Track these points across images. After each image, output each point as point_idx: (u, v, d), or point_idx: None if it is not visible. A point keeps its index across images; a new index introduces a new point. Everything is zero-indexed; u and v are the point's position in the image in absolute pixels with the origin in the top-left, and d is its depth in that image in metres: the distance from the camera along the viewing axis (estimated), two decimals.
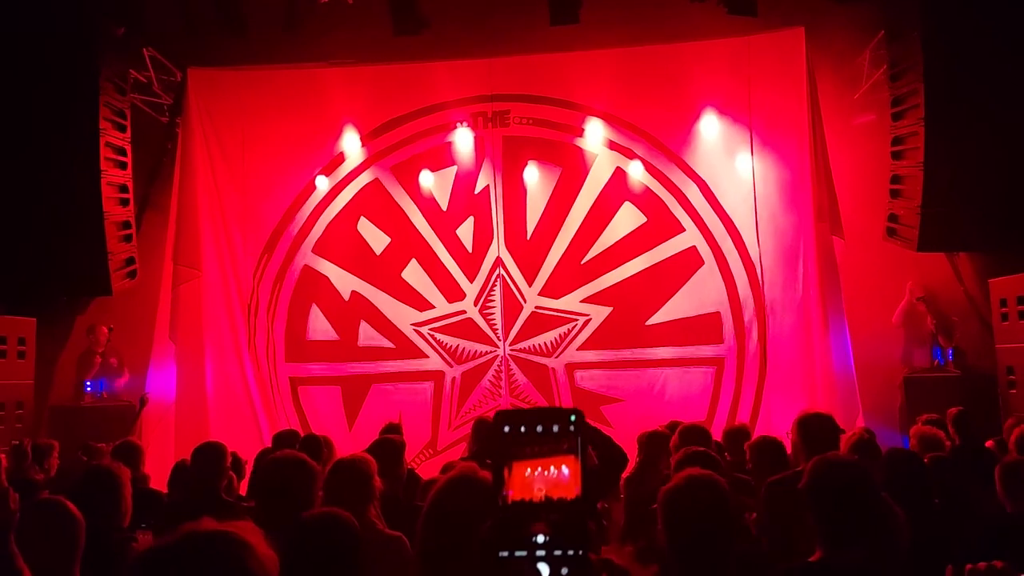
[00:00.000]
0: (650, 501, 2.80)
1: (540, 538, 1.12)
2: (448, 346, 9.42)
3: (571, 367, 9.28)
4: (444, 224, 9.51)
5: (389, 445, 4.78)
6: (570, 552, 1.11)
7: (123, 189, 8.36)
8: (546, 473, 1.14)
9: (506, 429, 1.16)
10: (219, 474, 4.59)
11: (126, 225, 8.40)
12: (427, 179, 9.48)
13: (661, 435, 5.29)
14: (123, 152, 8.35)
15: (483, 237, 9.44)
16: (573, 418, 1.17)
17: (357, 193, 9.61)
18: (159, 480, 6.00)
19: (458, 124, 9.45)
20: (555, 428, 1.16)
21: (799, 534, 3.31)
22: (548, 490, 1.13)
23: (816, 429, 3.91)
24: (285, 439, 5.88)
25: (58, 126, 7.83)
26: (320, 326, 9.53)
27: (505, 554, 1.12)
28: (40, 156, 7.78)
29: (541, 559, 1.11)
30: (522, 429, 1.16)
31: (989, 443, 6.00)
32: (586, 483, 1.12)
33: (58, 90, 7.82)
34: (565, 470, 1.13)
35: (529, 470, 1.14)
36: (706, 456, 3.82)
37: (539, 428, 1.16)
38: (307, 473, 3.23)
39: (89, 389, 9.10)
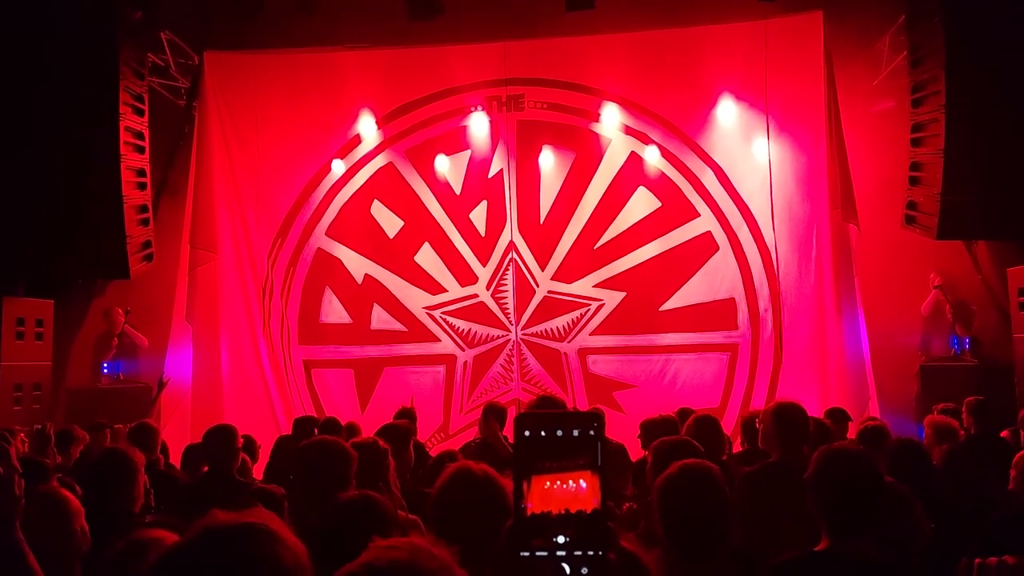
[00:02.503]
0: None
1: (561, 538, 1.14)
2: (460, 330, 9.44)
3: (583, 352, 9.28)
4: (457, 208, 9.50)
5: (395, 430, 4.82)
6: (590, 552, 1.13)
7: (141, 173, 8.41)
8: (565, 486, 1.16)
9: (526, 433, 1.18)
10: (230, 455, 4.61)
11: (143, 209, 8.45)
12: (441, 163, 9.47)
13: (661, 425, 5.19)
14: (141, 136, 8.38)
15: (496, 221, 9.43)
16: (596, 424, 1.19)
17: (371, 176, 9.61)
18: (175, 462, 6.08)
19: (473, 109, 9.41)
20: (575, 432, 1.17)
21: (779, 522, 3.35)
22: (567, 503, 1.15)
23: (789, 419, 3.89)
24: (328, 427, 5.93)
25: (77, 111, 7.86)
26: (333, 309, 9.58)
27: (526, 554, 1.14)
28: (60, 141, 7.82)
29: (562, 559, 1.13)
30: (542, 433, 1.18)
31: (1004, 433, 5.96)
32: (605, 495, 1.15)
33: (77, 75, 7.86)
34: (583, 483, 1.16)
35: (548, 483, 1.16)
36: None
37: (559, 432, 1.18)
38: (347, 457, 3.28)
39: (106, 371, 9.20)
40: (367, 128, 9.51)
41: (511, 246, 9.39)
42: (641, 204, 9.25)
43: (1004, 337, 8.18)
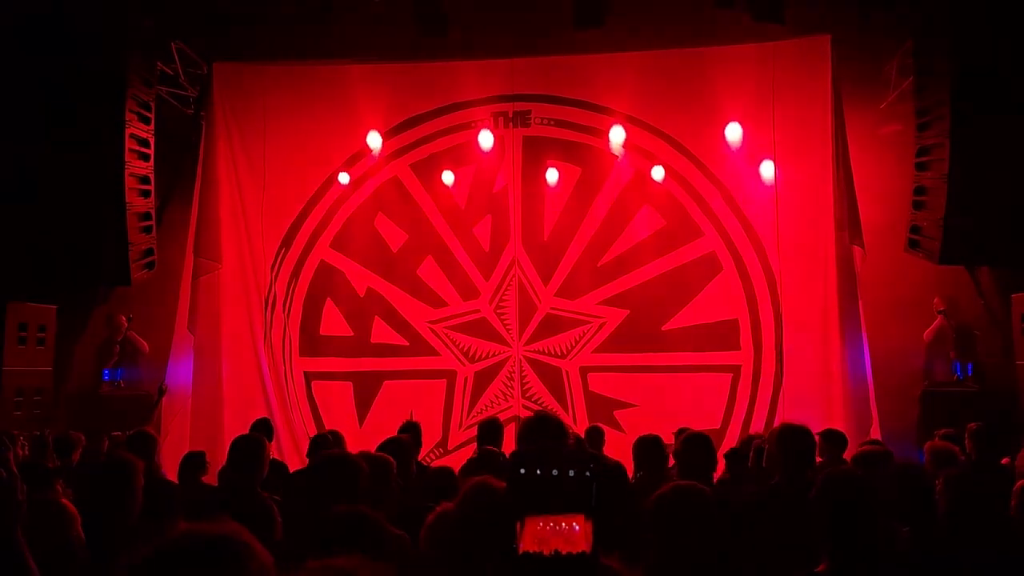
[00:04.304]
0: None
1: None
2: (461, 345, 9.43)
3: (585, 370, 9.26)
4: (461, 222, 9.52)
5: (398, 445, 4.78)
6: None
7: (145, 180, 8.43)
8: (558, 528, 1.17)
9: (522, 471, 1.19)
10: (256, 469, 4.25)
11: (146, 216, 8.47)
12: (446, 177, 9.50)
13: (653, 442, 5.08)
14: (147, 144, 8.41)
15: (500, 236, 9.44)
16: (592, 465, 1.20)
17: (376, 189, 9.64)
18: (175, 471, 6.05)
19: (479, 125, 9.44)
20: (571, 473, 1.18)
21: (780, 544, 3.34)
22: (559, 544, 1.16)
23: (793, 442, 3.87)
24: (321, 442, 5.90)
25: (84, 117, 7.89)
26: (334, 321, 9.57)
27: None
28: (65, 146, 7.86)
29: None
30: (538, 472, 1.18)
31: (1005, 460, 5.92)
32: (597, 538, 1.16)
33: (85, 81, 7.89)
34: (576, 526, 1.16)
35: (541, 523, 1.16)
36: None
37: (555, 472, 1.18)
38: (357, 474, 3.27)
39: (107, 378, 9.21)
40: (373, 141, 9.53)
41: (514, 262, 9.39)
42: (646, 223, 9.26)
43: (1007, 363, 8.15)
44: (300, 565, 1.48)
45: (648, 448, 4.80)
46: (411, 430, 6.12)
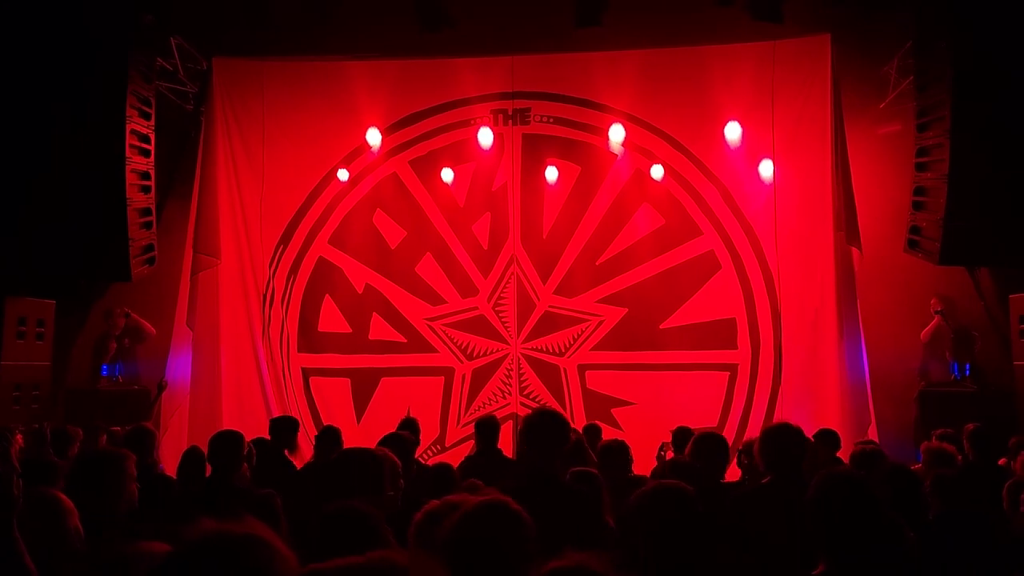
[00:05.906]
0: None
1: None
2: (460, 342, 9.43)
3: (583, 368, 9.26)
4: (460, 220, 9.51)
5: (399, 442, 4.77)
6: None
7: (145, 176, 8.41)
8: None
9: None
10: (234, 463, 4.53)
11: (147, 212, 8.46)
12: (445, 174, 9.49)
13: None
14: (147, 140, 8.40)
15: (499, 234, 9.43)
16: None
17: (374, 186, 9.63)
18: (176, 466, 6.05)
19: (479, 122, 9.43)
20: None
21: (772, 545, 3.35)
22: None
23: (780, 442, 3.86)
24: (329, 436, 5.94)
25: (84, 112, 7.88)
26: (332, 318, 9.56)
27: None
28: (65, 141, 7.85)
29: None
30: None
31: (1002, 461, 5.93)
32: None
33: (85, 76, 7.88)
34: None
35: None
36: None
37: None
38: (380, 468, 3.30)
39: (105, 373, 9.21)
40: (372, 138, 9.52)
41: (513, 259, 9.39)
42: (645, 221, 9.26)
43: (1005, 364, 8.15)
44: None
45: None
46: (410, 426, 6.13)
